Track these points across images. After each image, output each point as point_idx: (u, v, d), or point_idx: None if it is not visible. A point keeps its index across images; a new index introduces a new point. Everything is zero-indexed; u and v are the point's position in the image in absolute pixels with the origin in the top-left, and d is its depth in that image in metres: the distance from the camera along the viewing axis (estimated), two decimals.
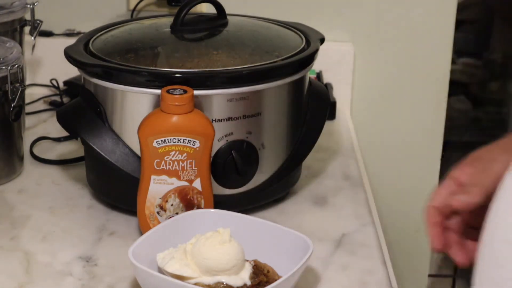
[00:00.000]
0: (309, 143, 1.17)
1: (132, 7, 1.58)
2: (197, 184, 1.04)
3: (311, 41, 1.18)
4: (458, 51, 3.02)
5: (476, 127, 3.03)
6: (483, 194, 0.83)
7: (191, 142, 1.02)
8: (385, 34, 1.59)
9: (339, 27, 1.59)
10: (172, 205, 1.04)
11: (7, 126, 1.22)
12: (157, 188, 1.03)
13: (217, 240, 0.93)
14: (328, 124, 1.33)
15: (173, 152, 1.02)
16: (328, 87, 1.56)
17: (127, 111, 1.08)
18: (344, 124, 1.50)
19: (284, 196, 1.20)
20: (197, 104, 1.04)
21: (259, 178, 1.12)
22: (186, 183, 1.04)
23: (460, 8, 1.65)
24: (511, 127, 2.42)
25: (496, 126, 2.99)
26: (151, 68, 1.06)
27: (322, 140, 1.21)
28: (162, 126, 1.01)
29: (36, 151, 1.33)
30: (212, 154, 1.07)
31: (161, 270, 0.94)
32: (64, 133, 1.35)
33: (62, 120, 1.13)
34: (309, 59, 1.14)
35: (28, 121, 1.44)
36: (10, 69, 1.17)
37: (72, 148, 1.35)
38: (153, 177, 1.03)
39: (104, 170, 1.11)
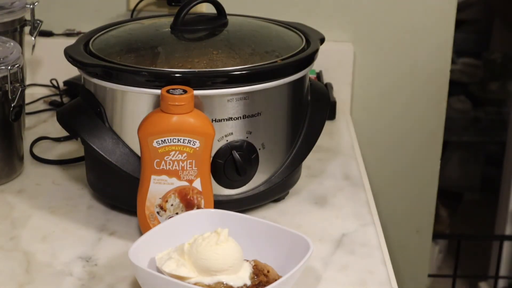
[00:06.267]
0: (309, 143, 1.17)
1: (132, 7, 1.58)
2: (197, 184, 1.04)
3: (311, 41, 1.18)
4: (458, 51, 3.02)
5: (476, 127, 3.03)
6: None
7: (191, 142, 1.02)
8: (385, 34, 1.60)
9: (339, 27, 1.59)
10: (172, 205, 1.04)
11: (7, 126, 1.22)
12: (157, 188, 1.03)
13: (214, 240, 0.93)
14: (328, 124, 1.34)
15: (173, 152, 1.02)
16: (328, 87, 1.56)
17: (127, 111, 1.08)
18: (344, 124, 1.50)
19: (284, 196, 1.20)
20: (197, 104, 1.04)
21: (259, 178, 1.12)
22: (186, 183, 1.04)
23: (460, 8, 1.65)
24: (511, 127, 2.42)
25: (496, 126, 3.00)
26: (151, 68, 1.06)
27: (322, 140, 1.21)
28: (162, 126, 1.01)
29: (36, 151, 1.33)
30: (212, 154, 1.07)
31: (160, 270, 0.94)
32: (64, 133, 1.35)
33: (62, 120, 1.13)
34: (309, 59, 1.14)
35: (28, 121, 1.44)
36: (10, 69, 1.17)
37: (72, 148, 1.35)
38: (153, 177, 1.03)
39: (104, 170, 1.11)
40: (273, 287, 0.89)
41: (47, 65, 1.59)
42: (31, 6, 1.38)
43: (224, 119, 1.07)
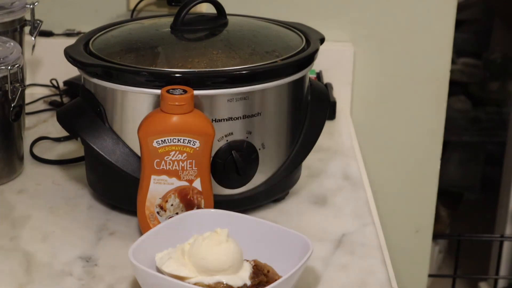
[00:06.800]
0: (309, 143, 1.17)
1: (132, 7, 1.58)
2: (197, 184, 1.04)
3: (311, 41, 1.18)
4: (458, 51, 3.02)
5: (476, 127, 3.03)
6: None
7: (191, 142, 1.02)
8: (385, 34, 1.60)
9: (339, 27, 1.59)
10: (172, 205, 1.04)
11: (7, 126, 1.22)
12: (157, 188, 1.03)
13: (214, 240, 0.93)
14: (328, 124, 1.33)
15: (173, 152, 1.02)
16: (328, 87, 1.56)
17: (127, 111, 1.08)
18: (344, 124, 1.50)
19: (284, 196, 1.20)
20: (197, 104, 1.04)
21: (259, 178, 1.12)
22: (186, 183, 1.04)
23: (460, 8, 1.65)
24: (511, 127, 2.42)
25: (496, 126, 3.00)
26: (151, 68, 1.06)
27: (322, 140, 1.21)
28: (162, 126, 1.01)
29: (36, 151, 1.33)
30: (212, 154, 1.07)
31: (159, 270, 0.94)
32: (64, 133, 1.35)
33: (62, 120, 1.13)
34: (309, 59, 1.14)
35: (28, 121, 1.44)
36: (10, 69, 1.17)
37: (72, 148, 1.35)
38: (153, 177, 1.03)
39: (104, 170, 1.11)
40: (273, 287, 0.89)
41: (47, 65, 1.59)
42: (31, 6, 1.38)
43: (224, 119, 1.07)
